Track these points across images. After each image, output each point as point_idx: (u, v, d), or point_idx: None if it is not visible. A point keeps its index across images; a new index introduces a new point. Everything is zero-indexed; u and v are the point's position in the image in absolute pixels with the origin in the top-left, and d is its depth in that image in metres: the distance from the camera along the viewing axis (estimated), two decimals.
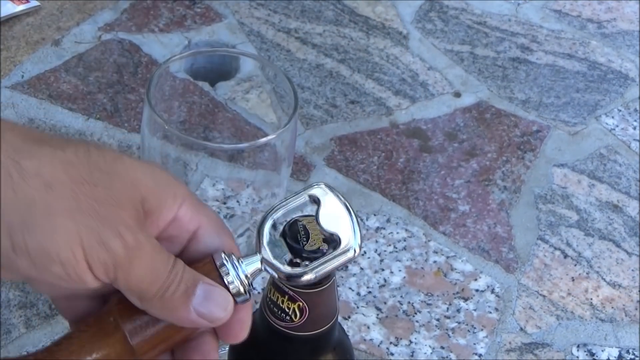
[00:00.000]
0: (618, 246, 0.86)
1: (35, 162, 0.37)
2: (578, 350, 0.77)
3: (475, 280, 0.81)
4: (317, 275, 0.43)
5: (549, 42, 1.11)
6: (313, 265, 0.44)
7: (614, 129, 1.00)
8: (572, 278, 0.83)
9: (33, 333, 0.71)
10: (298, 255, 0.48)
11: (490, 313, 0.78)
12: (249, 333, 0.56)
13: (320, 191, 0.44)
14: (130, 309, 0.42)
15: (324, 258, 0.43)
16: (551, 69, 1.07)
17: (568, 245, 0.85)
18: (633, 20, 1.17)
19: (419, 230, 0.84)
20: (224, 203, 0.63)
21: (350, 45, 1.05)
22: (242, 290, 0.42)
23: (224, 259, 0.42)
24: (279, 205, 0.45)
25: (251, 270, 0.43)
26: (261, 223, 0.44)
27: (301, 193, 0.45)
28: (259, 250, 0.44)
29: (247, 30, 1.05)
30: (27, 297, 0.74)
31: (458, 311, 0.78)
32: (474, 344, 0.76)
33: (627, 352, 0.77)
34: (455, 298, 0.79)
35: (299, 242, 0.48)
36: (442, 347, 0.75)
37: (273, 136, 0.57)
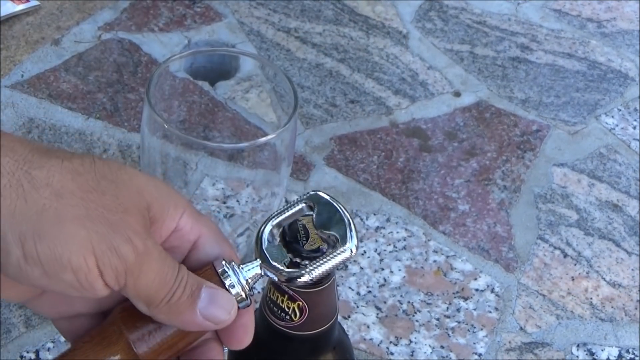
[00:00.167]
0: (618, 246, 0.86)
1: (44, 172, 0.38)
2: (578, 349, 0.77)
3: (475, 279, 0.81)
4: (315, 275, 0.44)
5: (549, 42, 1.11)
6: (311, 266, 0.44)
7: (614, 129, 1.00)
8: (572, 277, 0.83)
9: (33, 332, 0.71)
10: (298, 254, 0.48)
11: (490, 312, 0.78)
12: None
13: (316, 197, 0.46)
14: (133, 318, 0.42)
15: (322, 259, 0.44)
16: (551, 69, 1.07)
17: (568, 244, 0.85)
18: (633, 19, 1.17)
19: (419, 229, 0.84)
20: (224, 202, 0.63)
21: (350, 44, 1.05)
22: (243, 295, 0.43)
23: (225, 266, 0.43)
24: (278, 211, 0.46)
25: (251, 275, 0.44)
26: (260, 229, 0.45)
27: (298, 200, 0.46)
28: (259, 255, 0.44)
29: (247, 29, 1.05)
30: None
31: (458, 311, 0.78)
32: (474, 344, 0.76)
33: (627, 352, 0.77)
34: (455, 297, 0.79)
35: (299, 242, 0.48)
36: (442, 347, 0.75)
37: (273, 136, 0.57)
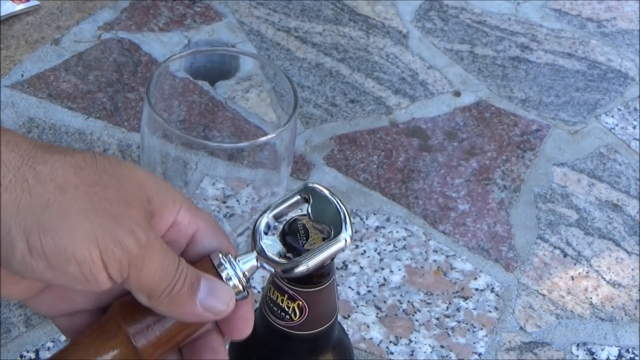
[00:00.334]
0: (618, 245, 0.86)
1: (48, 167, 0.39)
2: (578, 349, 0.77)
3: (475, 279, 0.81)
4: (311, 266, 0.44)
5: (549, 41, 1.11)
6: (306, 256, 0.44)
7: (614, 128, 1.00)
8: (572, 277, 0.83)
9: (33, 332, 0.71)
10: (297, 254, 0.48)
11: (490, 312, 0.78)
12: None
13: (311, 189, 0.46)
14: (132, 312, 0.42)
15: (317, 249, 0.44)
16: (551, 68, 1.07)
17: (568, 244, 0.86)
18: (633, 19, 1.17)
19: (419, 229, 0.84)
20: (224, 202, 0.63)
21: (350, 44, 1.05)
22: (240, 287, 0.43)
23: (221, 258, 0.43)
24: (274, 204, 0.46)
25: (248, 267, 0.44)
26: (256, 222, 0.45)
27: (294, 193, 0.46)
28: (255, 247, 0.45)
29: (247, 29, 1.05)
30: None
31: (458, 310, 0.78)
32: (474, 343, 0.76)
33: (627, 351, 0.77)
34: (455, 297, 0.79)
35: (299, 241, 0.48)
36: (442, 346, 0.75)
37: (273, 135, 0.57)
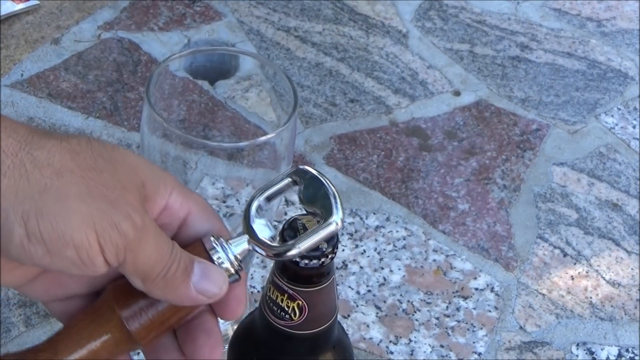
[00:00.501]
0: (617, 245, 0.86)
1: (45, 153, 0.39)
2: (577, 348, 0.77)
3: (474, 278, 0.81)
4: (302, 249, 0.44)
5: (549, 41, 1.11)
6: (298, 240, 0.44)
7: (614, 128, 1.00)
8: (572, 277, 0.83)
9: (33, 331, 0.71)
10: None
11: (489, 312, 0.78)
12: (249, 332, 0.56)
13: (301, 172, 0.46)
14: (125, 296, 0.43)
15: (308, 233, 0.44)
16: (551, 68, 1.07)
17: (567, 243, 0.86)
18: (632, 18, 1.17)
19: (419, 228, 0.84)
20: (224, 202, 0.63)
21: (349, 43, 1.05)
22: (232, 270, 0.44)
23: (213, 242, 0.44)
24: (264, 187, 0.46)
25: (239, 250, 0.44)
26: (248, 205, 0.45)
27: (284, 175, 0.46)
28: (247, 231, 0.45)
29: (247, 28, 1.05)
30: (27, 296, 0.74)
31: (457, 310, 0.78)
32: (474, 343, 0.76)
33: (627, 351, 0.77)
34: (454, 297, 0.79)
35: None
36: (442, 346, 0.75)
37: (272, 135, 0.57)
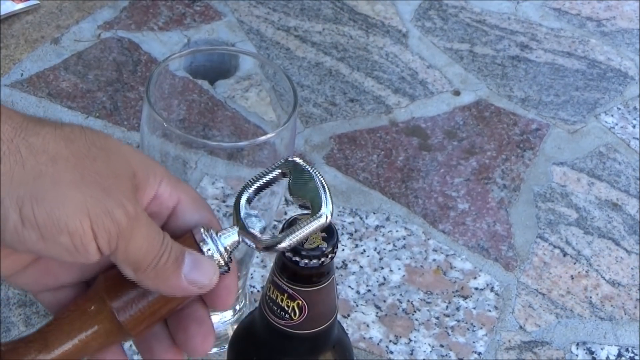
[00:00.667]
0: (617, 244, 0.86)
1: (40, 139, 0.39)
2: (577, 348, 0.77)
3: (474, 278, 0.81)
4: (292, 242, 0.44)
5: (549, 41, 1.11)
6: (288, 232, 0.45)
7: (614, 127, 1.00)
8: (572, 276, 0.83)
9: (32, 331, 0.71)
10: (297, 253, 0.48)
11: (489, 311, 0.78)
12: (249, 332, 0.56)
13: (291, 164, 0.46)
14: (116, 287, 0.43)
15: (298, 226, 0.45)
16: (550, 67, 1.07)
17: (567, 243, 0.86)
18: (632, 18, 1.17)
19: (419, 228, 0.84)
20: (224, 201, 0.63)
21: (349, 43, 1.05)
22: (222, 262, 0.44)
23: (203, 234, 0.44)
24: (254, 179, 0.46)
25: (229, 242, 0.44)
26: (237, 197, 0.45)
27: (273, 167, 0.46)
28: (237, 223, 0.45)
29: (247, 28, 1.05)
30: (27, 296, 0.73)
31: (457, 309, 0.78)
32: (474, 342, 0.76)
33: (627, 351, 0.77)
34: (454, 296, 0.79)
35: None
36: (442, 346, 0.75)
37: (272, 134, 0.57)
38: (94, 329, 0.42)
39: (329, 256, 0.48)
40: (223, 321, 0.70)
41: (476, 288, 0.80)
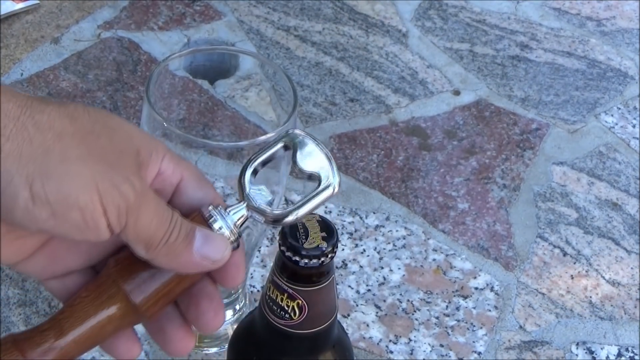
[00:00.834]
0: (617, 244, 0.86)
1: (46, 117, 0.39)
2: (577, 348, 0.77)
3: (474, 278, 0.81)
4: (300, 215, 0.44)
5: (548, 40, 1.11)
6: (296, 204, 0.44)
7: (614, 127, 1.00)
8: (572, 276, 0.83)
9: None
10: (297, 252, 0.48)
11: (489, 311, 0.78)
12: (249, 331, 0.56)
13: (294, 136, 0.46)
14: (128, 269, 0.43)
15: (306, 198, 0.44)
16: (550, 67, 1.07)
17: (567, 243, 0.86)
18: (632, 18, 1.17)
19: (418, 228, 0.84)
20: (224, 201, 0.63)
21: (349, 43, 1.05)
22: (232, 238, 0.44)
23: (212, 211, 0.44)
24: (258, 153, 0.46)
25: (238, 218, 0.44)
26: (242, 173, 0.45)
27: (275, 141, 0.46)
28: (243, 198, 0.44)
29: (247, 28, 1.05)
30: (27, 295, 0.74)
31: (457, 309, 0.78)
32: (473, 342, 0.76)
33: (627, 350, 0.77)
34: (454, 296, 0.79)
35: (298, 240, 0.48)
36: (442, 345, 0.75)
37: (272, 134, 0.57)
38: (109, 312, 0.42)
39: (329, 256, 0.48)
40: (223, 321, 0.69)
41: (476, 288, 0.80)
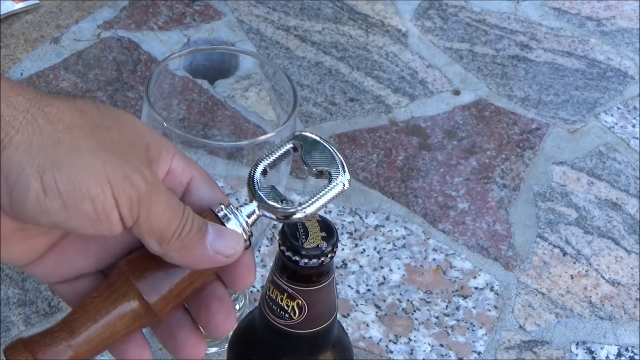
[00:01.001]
0: (617, 244, 0.86)
1: (55, 109, 0.39)
2: (577, 348, 0.77)
3: (474, 278, 0.81)
4: (312, 210, 0.44)
5: (548, 40, 1.11)
6: (307, 201, 0.45)
7: (613, 127, 1.00)
8: (571, 276, 0.83)
9: (32, 330, 0.71)
10: (297, 252, 0.48)
11: (489, 311, 0.78)
12: (248, 331, 0.56)
13: (302, 137, 0.47)
14: (140, 268, 0.42)
15: (317, 194, 0.45)
16: (550, 67, 1.07)
17: (567, 243, 0.86)
18: (632, 18, 1.17)
19: (418, 228, 0.84)
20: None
21: (349, 43, 1.05)
22: (245, 236, 0.44)
23: (224, 209, 0.44)
24: (267, 153, 0.46)
25: (250, 217, 0.44)
26: (252, 172, 0.46)
27: (285, 142, 0.47)
28: (254, 197, 0.45)
29: (246, 27, 1.05)
30: (27, 295, 0.74)
31: (457, 309, 0.78)
32: (473, 342, 0.76)
33: (626, 350, 0.77)
34: (454, 296, 0.79)
35: (298, 240, 0.48)
36: (441, 345, 0.75)
37: (272, 134, 0.57)
38: (122, 312, 0.41)
39: (329, 255, 0.48)
40: None
41: (476, 287, 0.80)
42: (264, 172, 0.46)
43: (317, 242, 0.48)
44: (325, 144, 0.46)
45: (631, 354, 0.77)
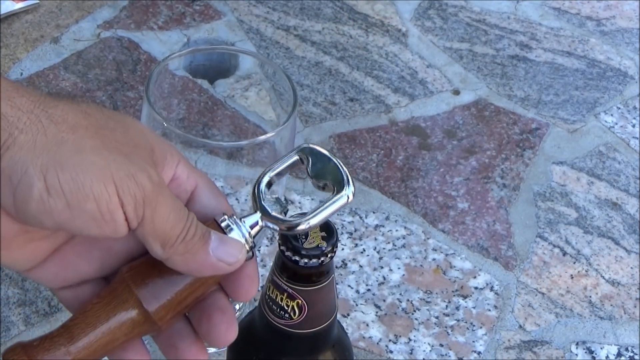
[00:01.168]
0: (617, 244, 0.86)
1: (59, 110, 0.39)
2: (577, 347, 0.77)
3: (474, 277, 0.81)
4: (316, 222, 0.44)
5: (548, 40, 1.11)
6: (311, 212, 0.45)
7: (613, 127, 1.00)
8: (571, 275, 0.83)
9: (32, 330, 0.71)
10: (297, 252, 0.48)
11: (489, 311, 0.78)
12: (248, 331, 0.56)
13: (307, 149, 0.47)
14: (141, 275, 0.42)
15: (322, 206, 0.45)
16: (550, 67, 1.07)
17: (567, 242, 0.86)
18: (632, 17, 1.17)
19: (418, 227, 0.84)
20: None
21: (349, 42, 1.05)
22: (247, 247, 0.43)
23: (227, 220, 0.44)
24: (272, 166, 0.46)
25: (253, 227, 0.44)
26: (257, 183, 0.46)
27: (290, 154, 0.47)
28: (258, 208, 0.45)
29: (246, 27, 1.05)
30: (26, 295, 0.74)
31: (457, 309, 0.78)
32: (473, 342, 0.76)
33: (626, 350, 0.77)
34: (454, 296, 0.79)
35: (298, 240, 0.48)
36: (441, 345, 0.75)
37: (272, 134, 0.57)
38: (122, 319, 0.41)
39: (329, 255, 0.48)
40: None
41: (476, 287, 0.80)
42: (269, 184, 0.46)
43: (317, 242, 0.48)
44: (331, 157, 0.46)
45: (631, 354, 0.77)
